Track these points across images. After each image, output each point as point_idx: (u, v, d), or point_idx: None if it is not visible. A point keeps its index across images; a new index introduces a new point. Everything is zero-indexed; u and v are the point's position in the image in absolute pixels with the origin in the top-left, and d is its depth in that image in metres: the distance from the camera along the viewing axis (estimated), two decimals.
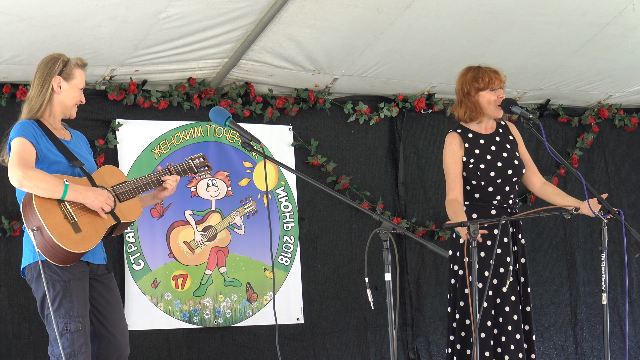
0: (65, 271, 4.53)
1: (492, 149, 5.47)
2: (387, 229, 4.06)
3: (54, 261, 4.48)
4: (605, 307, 4.94)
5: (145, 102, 6.63)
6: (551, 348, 7.75)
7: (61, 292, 4.51)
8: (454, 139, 5.48)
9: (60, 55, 4.74)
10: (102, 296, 4.73)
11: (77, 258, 4.53)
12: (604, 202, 4.98)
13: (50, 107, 4.70)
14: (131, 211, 4.69)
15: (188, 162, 4.95)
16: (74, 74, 4.71)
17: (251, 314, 6.83)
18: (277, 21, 6.15)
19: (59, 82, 4.67)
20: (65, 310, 4.50)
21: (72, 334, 4.50)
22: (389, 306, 4.07)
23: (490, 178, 5.41)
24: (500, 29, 6.56)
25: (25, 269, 4.63)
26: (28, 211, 4.47)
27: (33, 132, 4.59)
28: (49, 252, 4.45)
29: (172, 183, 4.81)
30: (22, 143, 4.54)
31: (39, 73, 4.70)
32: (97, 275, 4.72)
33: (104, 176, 4.70)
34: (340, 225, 7.25)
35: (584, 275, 7.91)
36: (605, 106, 7.97)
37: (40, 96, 4.66)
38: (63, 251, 4.44)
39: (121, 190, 4.68)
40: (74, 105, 4.75)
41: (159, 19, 5.88)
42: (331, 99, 7.19)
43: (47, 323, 4.57)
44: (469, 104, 5.47)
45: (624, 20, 6.58)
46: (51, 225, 4.42)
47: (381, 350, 7.24)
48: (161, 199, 4.90)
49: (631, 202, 8.13)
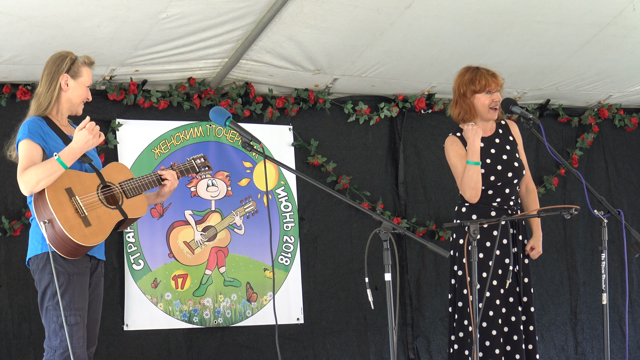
0: (71, 264, 4.61)
1: (491, 152, 5.47)
2: (387, 229, 4.06)
3: (62, 253, 4.56)
4: (605, 307, 4.94)
5: (145, 102, 6.63)
6: (551, 348, 7.75)
7: (64, 284, 4.59)
8: (454, 141, 5.48)
9: (68, 53, 4.82)
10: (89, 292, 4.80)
11: (85, 251, 4.63)
12: (604, 202, 4.99)
13: (57, 104, 4.78)
14: (138, 207, 4.78)
15: (190, 161, 5.04)
16: (81, 72, 4.79)
17: (251, 314, 6.83)
18: (277, 21, 6.15)
19: (66, 79, 4.75)
20: (66, 303, 4.58)
21: (71, 326, 4.57)
22: (389, 306, 4.07)
23: (491, 182, 5.42)
24: (500, 29, 6.56)
25: (31, 259, 4.70)
26: (40, 204, 4.55)
27: (40, 131, 4.66)
28: (59, 244, 4.54)
29: (170, 177, 4.90)
30: (30, 147, 4.63)
31: (47, 70, 4.78)
32: (94, 271, 4.81)
33: (112, 173, 4.78)
34: (340, 225, 7.24)
35: (584, 275, 7.90)
36: (605, 106, 7.97)
37: (49, 93, 4.75)
38: (73, 244, 4.52)
39: (128, 187, 4.77)
40: (80, 102, 4.84)
41: (159, 19, 5.87)
42: (331, 99, 7.19)
43: (46, 315, 4.63)
44: (464, 105, 5.48)
45: (624, 20, 6.58)
46: (63, 218, 4.50)
47: (381, 350, 7.24)
48: (164, 196, 4.97)
49: (631, 202, 8.13)
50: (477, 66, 5.53)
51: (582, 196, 7.82)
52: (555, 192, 7.87)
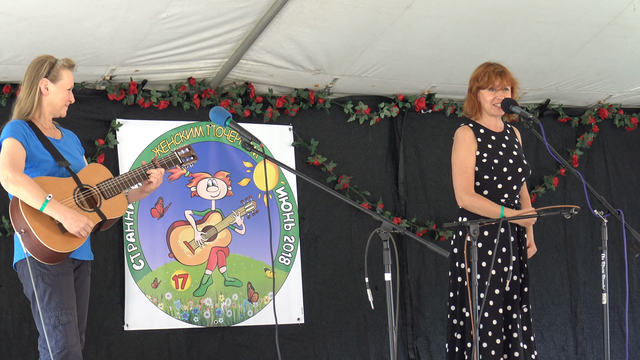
0: (55, 266, 4.65)
1: (503, 146, 5.47)
2: (387, 229, 4.06)
3: (42, 260, 4.61)
4: (605, 307, 4.94)
5: (145, 102, 6.63)
6: (551, 348, 7.75)
7: (51, 285, 4.63)
8: (467, 131, 5.46)
9: (47, 57, 4.85)
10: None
11: (65, 256, 4.66)
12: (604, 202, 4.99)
13: (40, 109, 4.82)
14: (116, 208, 4.80)
15: (173, 154, 5.06)
16: (61, 75, 4.82)
17: (252, 314, 6.83)
18: (277, 21, 6.15)
19: (45, 84, 4.79)
20: (56, 303, 4.62)
21: (64, 325, 4.61)
22: (389, 306, 4.08)
23: (503, 174, 5.40)
24: (501, 29, 6.56)
25: (17, 264, 4.77)
26: (15, 214, 4.61)
27: (23, 132, 4.70)
28: (37, 252, 4.58)
29: (157, 176, 4.92)
30: (13, 144, 4.66)
31: (27, 75, 4.82)
32: (78, 270, 4.84)
33: (89, 175, 4.81)
34: (340, 225, 7.25)
35: (584, 275, 7.90)
36: (605, 106, 7.97)
37: (30, 98, 4.78)
38: (50, 252, 4.57)
39: (106, 188, 4.79)
40: (63, 105, 4.87)
41: (159, 19, 5.88)
42: (331, 99, 7.19)
43: (38, 318, 4.66)
44: (471, 100, 5.52)
45: (624, 20, 6.58)
46: (37, 227, 4.55)
47: (381, 350, 7.24)
48: (148, 192, 5.00)
49: (631, 202, 8.13)
50: (490, 63, 5.54)
51: (582, 196, 7.82)
52: (555, 192, 7.87)
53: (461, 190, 5.37)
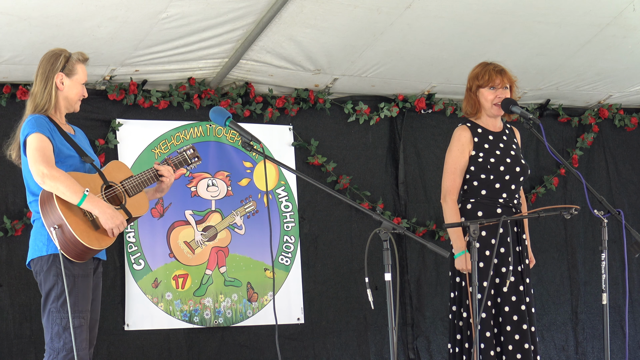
0: (76, 267, 4.56)
1: (500, 146, 5.48)
2: (387, 229, 4.06)
3: (71, 256, 4.52)
4: (606, 307, 4.94)
5: (145, 102, 6.63)
6: (552, 348, 7.75)
7: (69, 287, 4.54)
8: (463, 131, 5.47)
9: (62, 50, 4.76)
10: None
11: (93, 254, 4.60)
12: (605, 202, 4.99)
13: (55, 103, 4.71)
14: (140, 206, 4.76)
15: (182, 153, 5.01)
16: (76, 70, 4.74)
17: (252, 313, 6.84)
18: (277, 21, 6.15)
19: (61, 78, 4.69)
20: (70, 306, 4.53)
21: (75, 329, 4.52)
22: (389, 306, 4.07)
23: (500, 173, 5.41)
24: (500, 29, 6.56)
25: (34, 261, 4.64)
26: (48, 208, 4.50)
27: (48, 127, 4.61)
28: (68, 248, 4.50)
29: (167, 173, 4.86)
30: (40, 139, 4.56)
31: (41, 69, 4.71)
32: (95, 272, 4.77)
33: (112, 172, 4.75)
34: (340, 225, 7.25)
35: (584, 275, 7.90)
36: (605, 106, 7.97)
37: (46, 93, 4.67)
38: (84, 247, 4.50)
39: (130, 185, 4.74)
40: (77, 100, 4.78)
41: (159, 19, 5.88)
42: (331, 99, 7.19)
43: (49, 317, 4.58)
44: (470, 99, 5.52)
45: (624, 20, 6.58)
46: (73, 222, 4.47)
47: (381, 350, 7.24)
48: (163, 190, 4.94)
49: (631, 202, 8.13)
50: (489, 62, 5.55)
51: (582, 196, 7.81)
52: (555, 192, 7.87)
53: (445, 191, 5.49)
